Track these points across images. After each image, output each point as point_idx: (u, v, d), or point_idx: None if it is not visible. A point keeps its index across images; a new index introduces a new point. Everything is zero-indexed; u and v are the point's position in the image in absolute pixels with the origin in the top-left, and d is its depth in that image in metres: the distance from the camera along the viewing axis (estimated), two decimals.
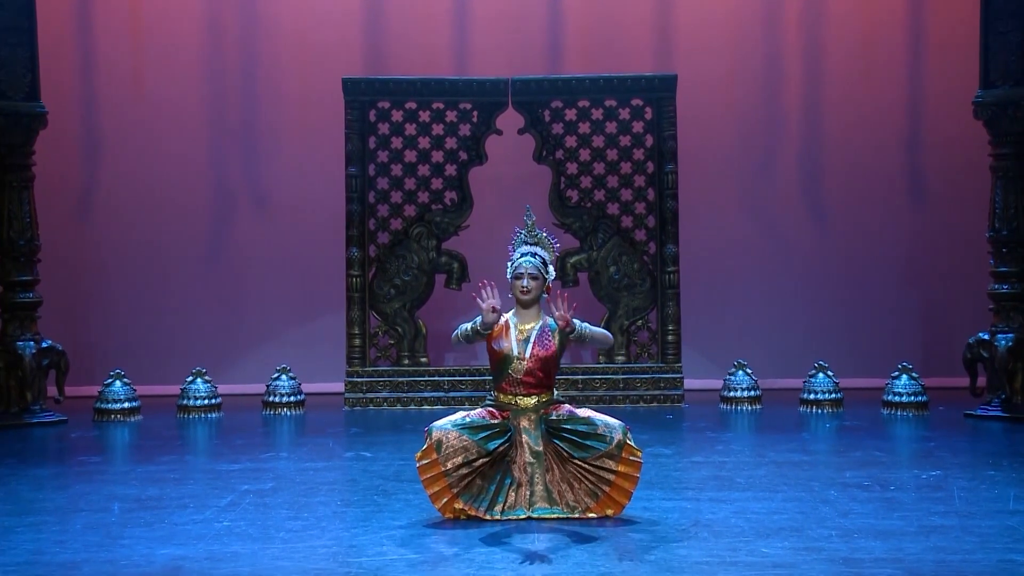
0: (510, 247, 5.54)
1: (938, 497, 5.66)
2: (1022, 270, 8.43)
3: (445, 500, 5.26)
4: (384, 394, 9.26)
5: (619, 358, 9.38)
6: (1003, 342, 8.32)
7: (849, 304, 10.29)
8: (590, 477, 5.28)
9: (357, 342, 9.36)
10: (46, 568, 4.56)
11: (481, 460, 5.25)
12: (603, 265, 9.47)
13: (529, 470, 5.30)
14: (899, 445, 7.63)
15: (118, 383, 8.73)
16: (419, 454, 5.31)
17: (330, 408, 9.24)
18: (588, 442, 5.27)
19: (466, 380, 9.24)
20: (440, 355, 9.87)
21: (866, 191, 10.28)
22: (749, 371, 9.12)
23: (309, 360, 9.79)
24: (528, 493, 5.29)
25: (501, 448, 5.28)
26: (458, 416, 5.37)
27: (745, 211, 10.34)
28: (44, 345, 8.63)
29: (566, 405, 5.43)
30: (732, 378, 9.12)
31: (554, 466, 5.31)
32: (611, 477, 5.27)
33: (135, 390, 8.82)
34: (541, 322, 5.39)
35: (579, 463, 5.27)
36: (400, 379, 9.30)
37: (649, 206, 9.49)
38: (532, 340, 5.33)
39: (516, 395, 5.35)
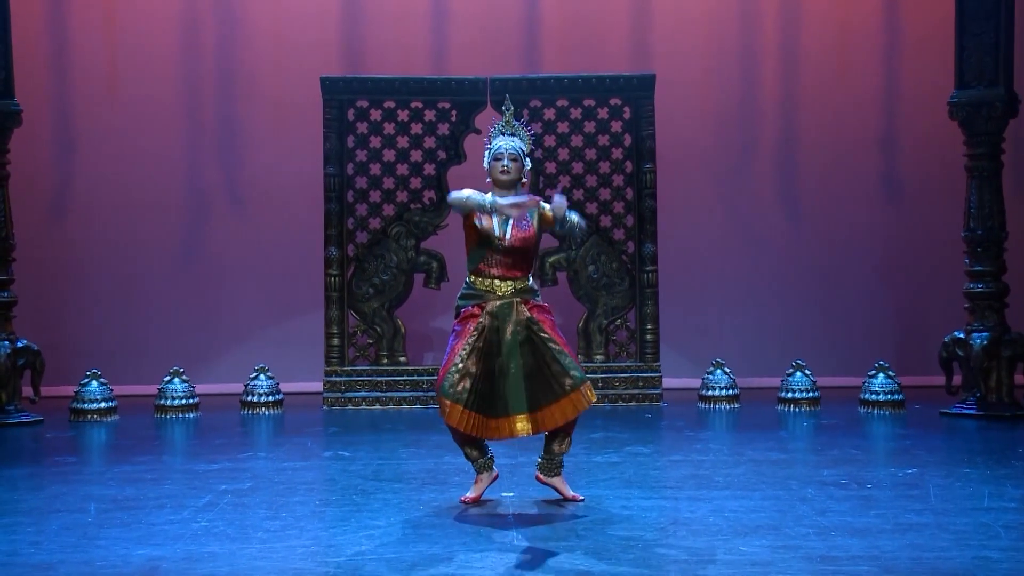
0: (486, 139, 5.59)
1: (914, 495, 5.69)
2: (997, 269, 8.50)
3: (460, 416, 5.29)
4: (363, 393, 9.24)
5: (598, 357, 9.40)
6: (978, 341, 8.38)
7: (826, 303, 10.34)
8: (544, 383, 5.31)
9: (336, 342, 9.34)
10: (21, 569, 4.53)
11: (482, 371, 5.30)
12: (582, 264, 9.48)
13: (504, 358, 5.32)
14: (876, 443, 7.67)
15: (94, 383, 8.68)
16: (445, 417, 5.31)
17: (308, 408, 9.21)
18: (550, 362, 5.30)
19: None
20: (419, 354, 9.86)
21: (842, 191, 10.33)
22: (727, 370, 9.15)
23: (287, 360, 9.75)
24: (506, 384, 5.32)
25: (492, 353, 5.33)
26: (455, 358, 5.30)
27: (723, 210, 10.37)
28: (19, 345, 8.57)
29: (548, 316, 5.41)
30: (710, 377, 9.15)
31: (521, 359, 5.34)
32: (551, 402, 5.29)
33: (112, 390, 8.77)
34: None
35: (534, 368, 5.31)
36: (379, 378, 9.28)
37: (628, 205, 9.51)
38: (511, 221, 5.36)
39: (493, 278, 5.40)
